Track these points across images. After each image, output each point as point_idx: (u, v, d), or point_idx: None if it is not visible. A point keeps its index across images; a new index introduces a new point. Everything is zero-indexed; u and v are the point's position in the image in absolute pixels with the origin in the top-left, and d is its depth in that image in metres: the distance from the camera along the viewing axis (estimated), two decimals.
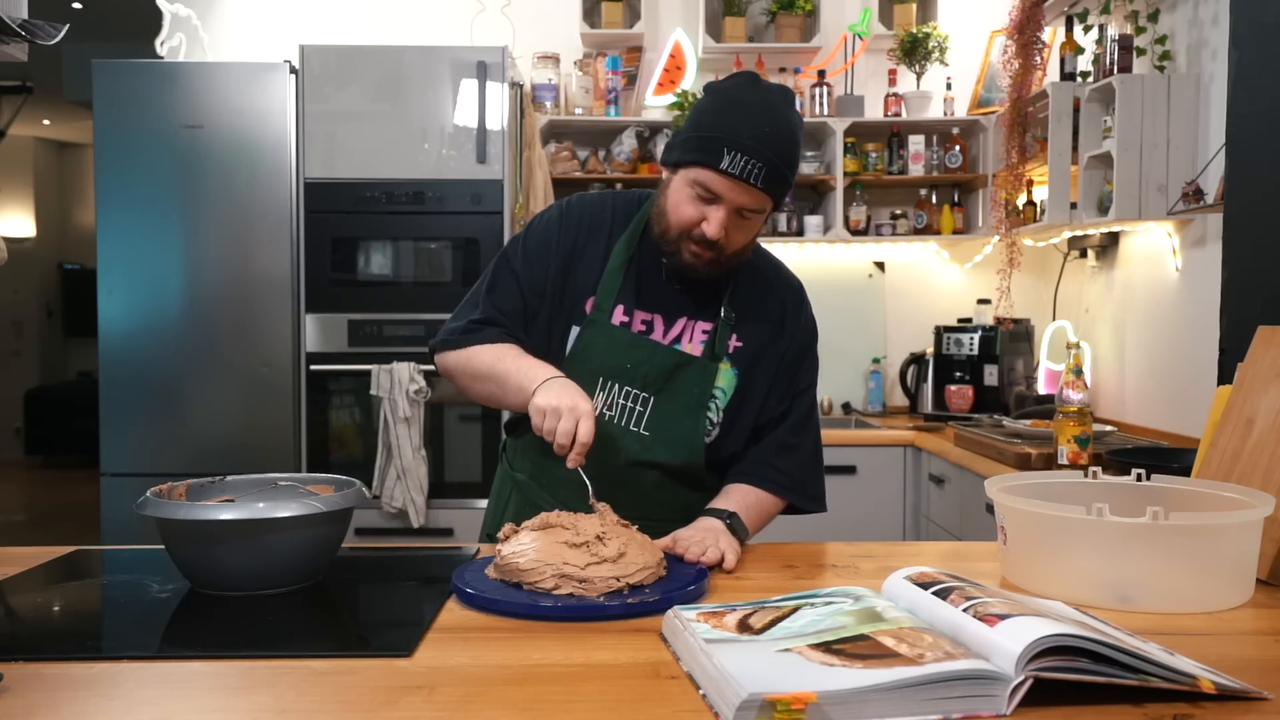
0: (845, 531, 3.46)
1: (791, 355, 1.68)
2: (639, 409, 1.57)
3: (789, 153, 1.49)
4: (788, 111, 1.51)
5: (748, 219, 1.50)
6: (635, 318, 1.59)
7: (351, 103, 3.46)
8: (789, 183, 1.51)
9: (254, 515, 1.26)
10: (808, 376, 1.72)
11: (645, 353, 1.57)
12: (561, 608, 1.17)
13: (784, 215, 3.99)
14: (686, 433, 1.58)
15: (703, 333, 1.60)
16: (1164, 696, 0.90)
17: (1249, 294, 1.72)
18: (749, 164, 1.44)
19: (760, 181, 1.45)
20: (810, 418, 1.70)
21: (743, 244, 1.54)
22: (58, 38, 1.67)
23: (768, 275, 1.69)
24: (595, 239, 1.62)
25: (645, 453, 1.56)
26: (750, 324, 1.63)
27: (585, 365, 1.56)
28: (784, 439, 1.65)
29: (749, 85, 1.52)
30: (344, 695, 0.94)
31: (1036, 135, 3.53)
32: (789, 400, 1.67)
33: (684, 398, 1.57)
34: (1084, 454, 2.50)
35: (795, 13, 3.97)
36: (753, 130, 1.45)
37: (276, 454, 3.42)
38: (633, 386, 1.56)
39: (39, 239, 9.55)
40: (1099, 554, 1.20)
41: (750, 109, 1.48)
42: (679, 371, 1.57)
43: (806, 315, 1.74)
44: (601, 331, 1.57)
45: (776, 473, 1.62)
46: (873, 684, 0.85)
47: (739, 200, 1.47)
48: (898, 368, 4.09)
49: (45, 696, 0.94)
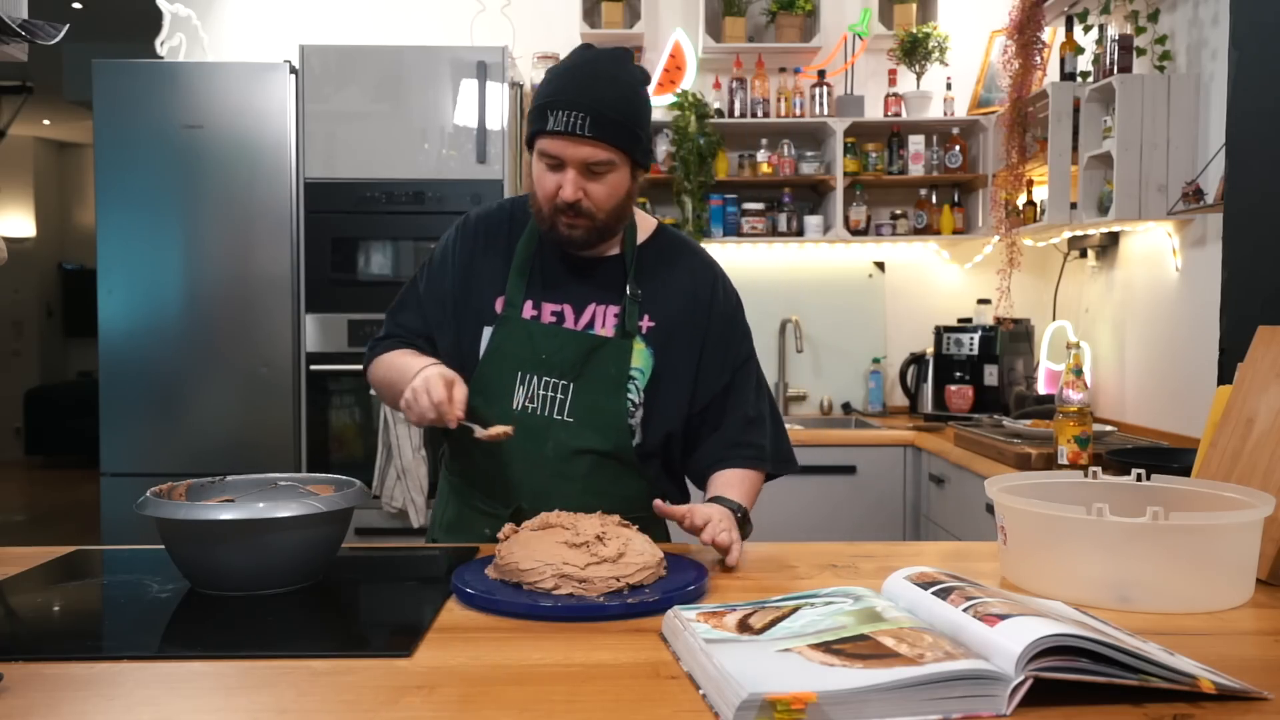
0: (845, 531, 3.46)
1: (715, 330, 1.69)
2: (560, 397, 1.60)
3: (612, 99, 1.51)
4: (611, 65, 1.55)
5: (599, 174, 1.54)
6: (545, 310, 1.63)
7: (351, 103, 3.46)
8: (629, 128, 1.53)
9: (254, 515, 1.26)
10: (741, 347, 1.73)
11: (558, 341, 1.61)
12: (561, 608, 1.17)
13: (784, 215, 3.99)
14: (610, 414, 1.61)
15: (614, 316, 1.63)
16: (1164, 696, 0.90)
17: (1249, 294, 1.72)
18: (571, 117, 1.49)
19: (588, 130, 1.49)
20: (760, 386, 1.74)
21: (610, 203, 1.57)
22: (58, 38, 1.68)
23: (674, 253, 1.71)
24: (494, 244, 1.68)
25: (573, 439, 1.58)
26: (659, 303, 1.65)
27: (501, 362, 1.62)
28: (746, 414, 1.68)
29: (577, 54, 1.59)
30: (344, 695, 0.94)
31: (1036, 135, 3.53)
32: (729, 374, 1.69)
33: (602, 380, 1.60)
34: (1084, 454, 2.50)
35: (795, 13, 3.97)
36: (569, 85, 1.52)
37: (276, 454, 3.42)
38: (550, 375, 1.60)
39: (39, 239, 9.56)
40: (1099, 554, 1.20)
41: (572, 72, 1.54)
42: (594, 355, 1.60)
43: (721, 288, 1.72)
44: (513, 327, 1.62)
45: (753, 449, 1.67)
46: (873, 684, 0.85)
47: (578, 155, 1.51)
48: (898, 368, 4.09)
49: (45, 696, 0.94)
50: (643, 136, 1.56)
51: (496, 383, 1.61)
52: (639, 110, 1.55)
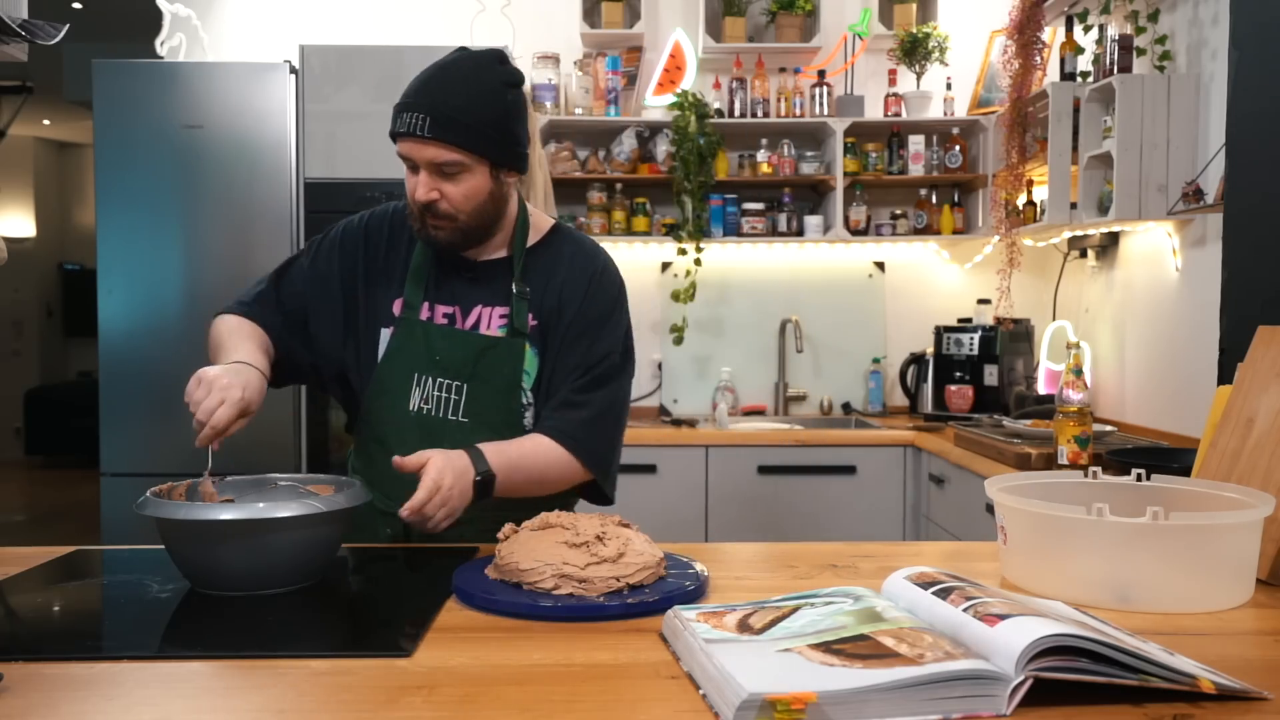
0: (845, 531, 3.47)
1: (580, 326, 1.65)
2: (454, 398, 1.61)
3: (460, 102, 1.51)
4: (470, 68, 1.55)
5: (452, 175, 1.54)
6: (437, 312, 1.65)
7: (351, 103, 3.46)
8: (478, 130, 1.52)
9: (254, 515, 1.26)
10: (607, 344, 1.65)
11: (450, 342, 1.62)
12: (561, 608, 1.17)
13: (784, 215, 3.99)
14: (504, 413, 1.61)
15: (500, 317, 1.64)
16: (1164, 696, 0.90)
17: (1249, 294, 1.72)
18: (413, 119, 1.51)
19: (427, 131, 1.50)
20: (604, 384, 1.63)
21: (469, 205, 1.56)
22: (58, 38, 1.68)
23: (561, 252, 1.70)
24: (396, 246, 1.69)
25: (468, 440, 1.56)
26: (542, 302, 1.65)
27: (398, 363, 1.63)
28: (567, 398, 1.62)
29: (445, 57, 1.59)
30: (344, 695, 0.94)
31: (1036, 135, 3.53)
32: (582, 369, 1.63)
33: (496, 380, 1.61)
34: (1084, 454, 2.50)
35: (795, 13, 3.97)
36: (418, 89, 1.54)
37: (276, 454, 3.42)
38: (444, 377, 1.61)
39: (39, 239, 9.56)
40: (1099, 554, 1.20)
41: (424, 74, 1.56)
42: (485, 356, 1.61)
43: (601, 280, 1.68)
44: (411, 328, 1.63)
45: (557, 423, 1.59)
46: (873, 684, 0.85)
47: (425, 155, 1.53)
48: (898, 368, 4.09)
49: (45, 696, 0.94)
50: (499, 137, 1.54)
51: (393, 384, 1.62)
52: (494, 111, 1.54)
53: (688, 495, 3.52)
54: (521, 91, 1.60)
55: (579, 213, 4.05)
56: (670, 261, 4.12)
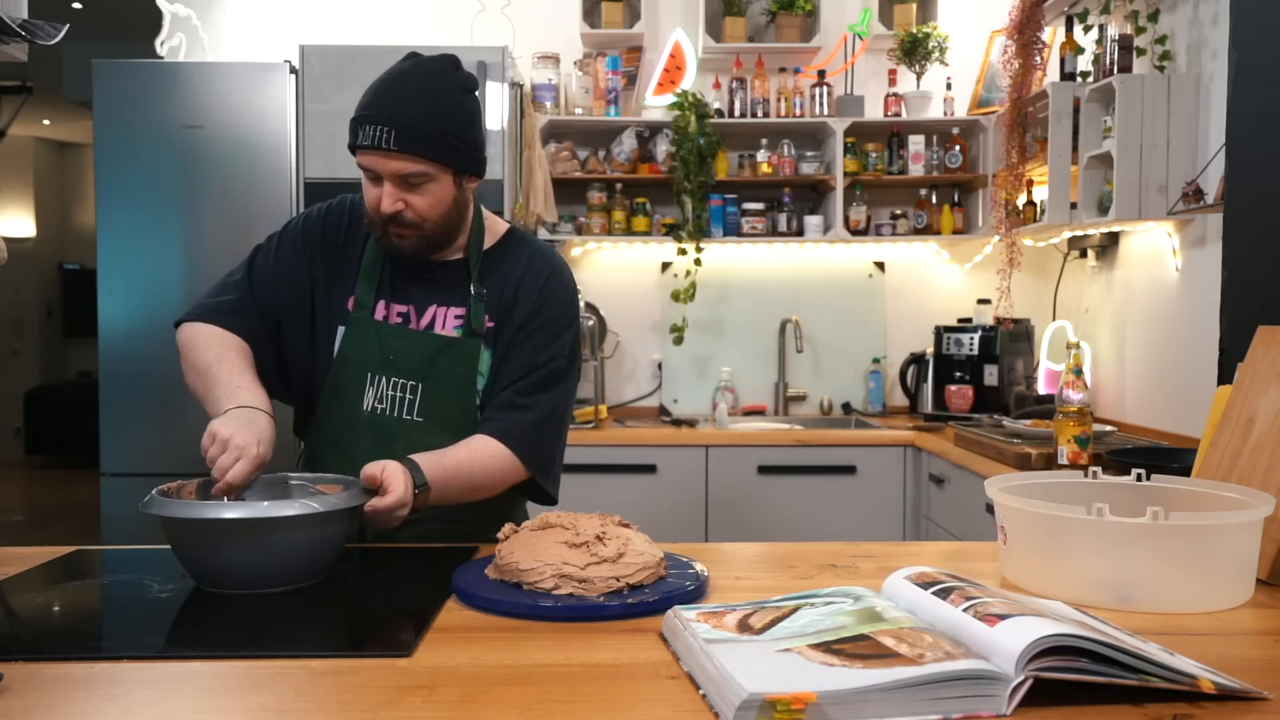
0: (845, 531, 3.47)
1: (531, 322, 1.65)
2: (408, 397, 1.61)
3: (420, 112, 1.50)
4: (425, 76, 1.54)
5: (417, 185, 1.54)
6: (392, 311, 1.64)
7: (351, 103, 3.41)
8: (441, 139, 1.51)
9: (261, 514, 1.27)
10: (555, 347, 1.65)
11: (404, 342, 1.62)
12: (562, 608, 1.17)
13: (784, 215, 3.99)
14: (459, 413, 1.61)
15: (455, 318, 1.64)
16: (1164, 696, 0.90)
17: (1249, 294, 1.72)
18: (377, 131, 1.50)
19: (394, 144, 1.49)
20: (549, 387, 1.63)
21: (435, 213, 1.56)
22: (58, 38, 1.68)
23: (517, 256, 1.70)
24: (351, 240, 1.68)
25: (422, 439, 1.57)
26: (498, 304, 1.65)
27: (351, 363, 1.62)
28: (510, 399, 1.61)
29: (397, 65, 1.57)
30: (344, 695, 0.94)
31: (1036, 135, 3.53)
32: (528, 369, 1.63)
33: (451, 380, 1.61)
34: (1084, 454, 2.50)
35: (795, 13, 3.97)
36: (377, 99, 1.52)
37: (277, 454, 3.39)
38: (399, 376, 1.61)
39: (39, 239, 9.56)
40: (1099, 554, 1.20)
41: (381, 83, 1.54)
42: (441, 355, 1.61)
43: (553, 285, 1.68)
44: (363, 328, 1.63)
45: (503, 424, 1.59)
46: (873, 684, 0.85)
47: (390, 168, 1.52)
48: (898, 368, 4.09)
49: (45, 696, 0.94)
50: (461, 145, 1.54)
51: (347, 384, 1.62)
52: (455, 119, 1.54)
53: (688, 495, 3.52)
54: (477, 97, 1.60)
55: (579, 213, 4.05)
56: (670, 261, 4.12)
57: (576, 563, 1.23)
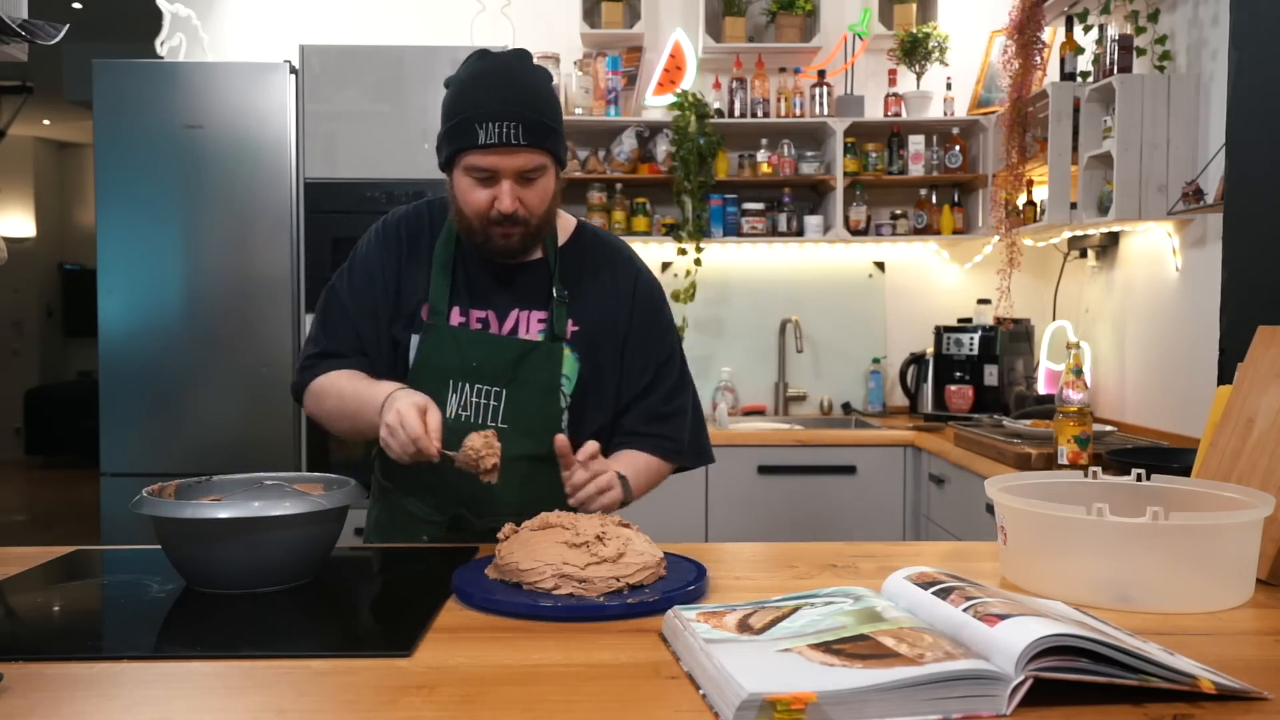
0: (845, 531, 3.47)
1: (637, 329, 1.66)
2: (493, 404, 1.59)
3: (538, 103, 1.50)
4: (524, 66, 1.53)
5: (533, 180, 1.52)
6: (471, 316, 1.61)
7: (351, 103, 3.46)
8: (555, 130, 1.52)
9: (251, 514, 1.27)
10: (665, 343, 1.70)
11: (487, 348, 1.59)
12: (562, 608, 1.17)
13: (784, 215, 3.99)
14: (544, 419, 1.60)
15: (538, 321, 1.62)
16: (1164, 696, 0.90)
17: (1249, 294, 1.72)
18: (504, 128, 1.47)
19: (522, 138, 1.47)
20: (681, 383, 1.71)
21: (542, 207, 1.55)
22: (58, 38, 1.68)
23: (596, 253, 1.69)
24: (417, 248, 1.65)
25: (508, 446, 1.55)
26: (583, 306, 1.64)
27: (431, 371, 1.60)
28: (657, 409, 1.67)
29: (478, 60, 1.55)
30: (344, 695, 0.94)
31: (1036, 135, 3.53)
32: (651, 371, 1.67)
33: (535, 385, 1.60)
34: (1084, 454, 2.50)
35: (795, 13, 3.97)
36: (494, 95, 1.48)
37: (276, 454, 3.42)
38: (482, 383, 1.59)
39: (39, 239, 9.56)
40: (1099, 554, 1.20)
41: (486, 79, 1.50)
42: (525, 360, 1.59)
43: (642, 282, 1.70)
44: (440, 335, 1.60)
45: (661, 439, 1.66)
46: (873, 684, 0.85)
47: (513, 165, 1.49)
48: (898, 368, 4.09)
49: (45, 696, 0.94)
50: (563, 136, 1.56)
51: (429, 391, 1.58)
52: (557, 109, 1.55)
53: (688, 495, 3.52)
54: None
55: (579, 213, 4.05)
56: (670, 261, 4.12)
57: (576, 563, 1.23)
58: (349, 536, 1.44)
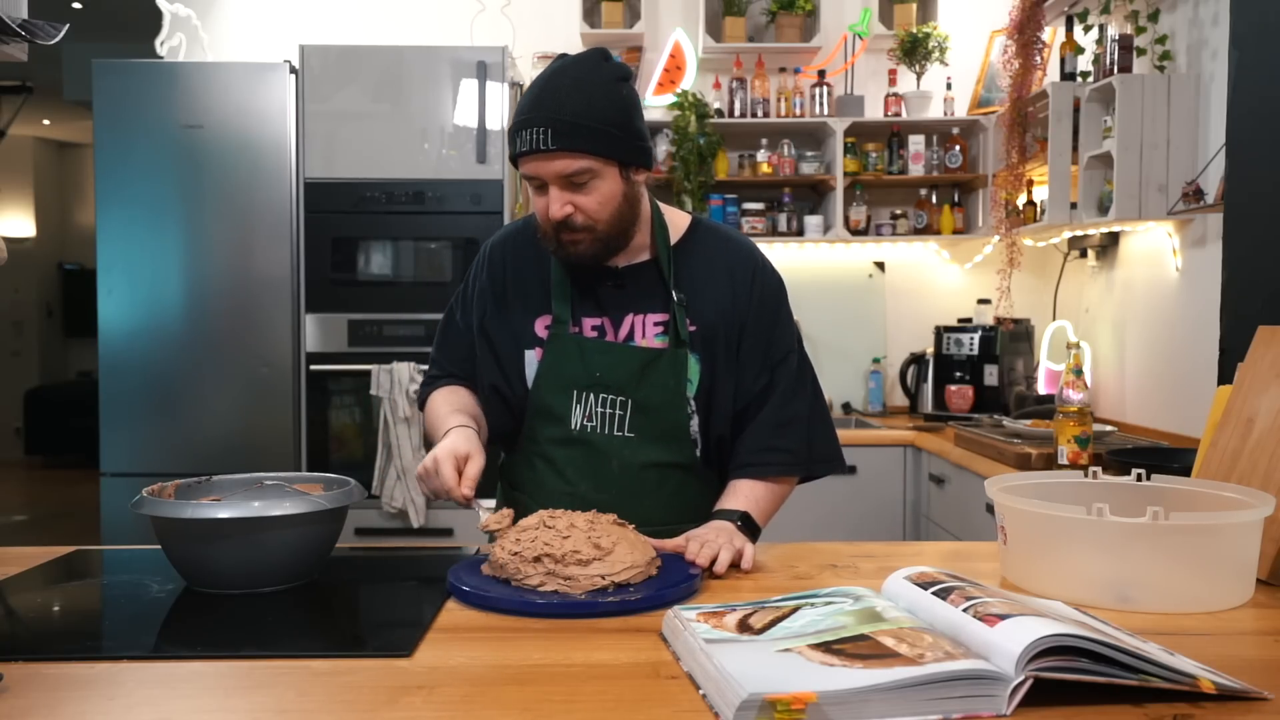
0: (845, 531, 3.46)
1: (753, 328, 1.61)
2: (619, 413, 1.56)
3: (574, 106, 1.45)
4: (577, 71, 1.49)
5: (584, 184, 1.47)
6: (585, 325, 1.58)
7: (351, 103, 3.46)
8: (600, 131, 1.45)
9: (250, 514, 1.27)
10: (783, 342, 1.64)
11: (611, 357, 1.56)
12: (556, 604, 1.18)
13: (784, 215, 3.99)
14: (671, 426, 1.57)
15: (654, 324, 1.58)
16: (1164, 696, 0.90)
17: (1249, 294, 1.72)
18: (534, 134, 1.45)
19: (551, 143, 1.44)
20: (799, 384, 1.64)
21: (605, 212, 1.50)
22: (58, 38, 1.67)
23: (710, 250, 1.64)
24: (525, 265, 1.63)
25: (636, 455, 1.55)
26: (700, 305, 1.59)
27: (555, 382, 1.57)
28: (774, 418, 1.60)
29: (548, 67, 1.53)
30: (344, 695, 0.94)
31: (1036, 135, 3.53)
32: (768, 374, 1.61)
33: (661, 391, 1.56)
34: (1084, 454, 2.50)
35: (795, 13, 3.97)
36: (529, 105, 1.47)
37: (276, 454, 3.42)
38: (607, 393, 1.55)
39: (39, 239, 9.56)
40: (1099, 554, 1.20)
41: (535, 85, 1.50)
42: (650, 369, 1.55)
43: (762, 279, 1.65)
44: (563, 345, 1.57)
45: (778, 454, 1.59)
46: (873, 684, 0.85)
47: (552, 169, 1.46)
48: (898, 368, 4.09)
49: (45, 696, 0.94)
50: (621, 134, 1.48)
51: (554, 403, 1.56)
52: (610, 110, 1.47)
53: None
54: (633, 85, 1.55)
55: None
56: None
57: (563, 560, 1.23)
58: (349, 536, 1.44)
